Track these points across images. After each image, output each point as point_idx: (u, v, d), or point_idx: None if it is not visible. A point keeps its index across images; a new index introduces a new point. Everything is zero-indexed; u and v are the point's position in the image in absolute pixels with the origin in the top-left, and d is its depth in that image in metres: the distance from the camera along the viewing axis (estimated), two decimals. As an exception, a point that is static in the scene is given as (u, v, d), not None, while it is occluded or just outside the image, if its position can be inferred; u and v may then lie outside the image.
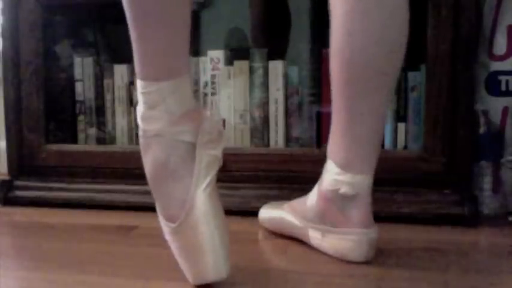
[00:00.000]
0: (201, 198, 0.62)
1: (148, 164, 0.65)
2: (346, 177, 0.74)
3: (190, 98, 0.66)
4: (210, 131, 0.65)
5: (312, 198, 0.80)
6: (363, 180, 0.74)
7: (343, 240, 0.75)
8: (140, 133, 0.65)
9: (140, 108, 0.65)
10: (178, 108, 0.63)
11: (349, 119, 0.74)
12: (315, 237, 0.80)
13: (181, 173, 0.63)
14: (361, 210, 0.75)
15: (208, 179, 0.63)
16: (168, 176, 0.63)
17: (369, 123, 0.73)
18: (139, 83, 0.64)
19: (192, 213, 0.62)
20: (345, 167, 0.75)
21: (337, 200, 0.75)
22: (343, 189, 0.74)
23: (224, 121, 1.08)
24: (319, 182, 0.79)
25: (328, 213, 0.77)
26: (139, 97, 0.64)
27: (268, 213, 0.91)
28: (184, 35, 0.65)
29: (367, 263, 0.75)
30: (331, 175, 0.76)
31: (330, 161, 0.77)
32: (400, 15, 0.70)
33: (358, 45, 0.69)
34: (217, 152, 0.65)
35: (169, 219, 0.64)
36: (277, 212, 0.88)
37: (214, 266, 0.63)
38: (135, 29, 0.63)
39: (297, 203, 0.85)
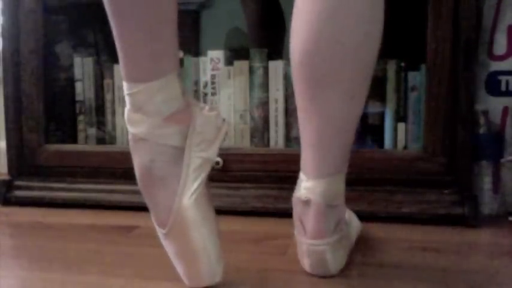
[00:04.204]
0: (188, 206, 0.60)
1: (136, 169, 0.63)
2: (300, 180, 0.71)
3: (178, 98, 0.62)
4: (202, 131, 0.62)
5: None
6: (314, 187, 0.68)
7: (299, 249, 0.72)
8: (129, 136, 0.63)
9: (126, 111, 0.62)
10: (164, 110, 0.60)
11: (301, 118, 0.69)
12: None
13: (168, 179, 0.61)
14: (311, 219, 0.68)
15: (196, 184, 0.61)
16: (155, 182, 0.61)
17: (315, 125, 0.67)
18: (124, 85, 0.61)
19: (179, 222, 0.60)
20: (302, 170, 0.71)
21: (298, 206, 0.71)
22: (297, 193, 0.71)
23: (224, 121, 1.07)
24: None
25: (294, 218, 0.74)
26: (126, 99, 0.62)
27: None
28: (167, 33, 0.61)
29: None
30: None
31: None
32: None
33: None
34: (209, 154, 0.63)
35: (159, 224, 0.63)
36: None
37: (208, 271, 0.62)
38: (114, 28, 0.60)
39: None
